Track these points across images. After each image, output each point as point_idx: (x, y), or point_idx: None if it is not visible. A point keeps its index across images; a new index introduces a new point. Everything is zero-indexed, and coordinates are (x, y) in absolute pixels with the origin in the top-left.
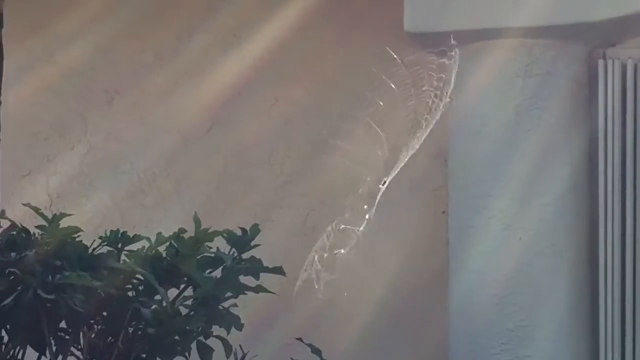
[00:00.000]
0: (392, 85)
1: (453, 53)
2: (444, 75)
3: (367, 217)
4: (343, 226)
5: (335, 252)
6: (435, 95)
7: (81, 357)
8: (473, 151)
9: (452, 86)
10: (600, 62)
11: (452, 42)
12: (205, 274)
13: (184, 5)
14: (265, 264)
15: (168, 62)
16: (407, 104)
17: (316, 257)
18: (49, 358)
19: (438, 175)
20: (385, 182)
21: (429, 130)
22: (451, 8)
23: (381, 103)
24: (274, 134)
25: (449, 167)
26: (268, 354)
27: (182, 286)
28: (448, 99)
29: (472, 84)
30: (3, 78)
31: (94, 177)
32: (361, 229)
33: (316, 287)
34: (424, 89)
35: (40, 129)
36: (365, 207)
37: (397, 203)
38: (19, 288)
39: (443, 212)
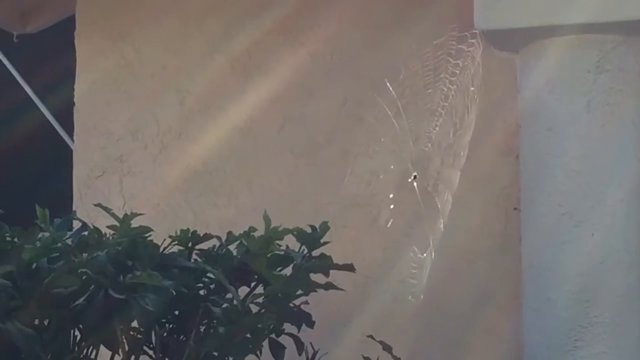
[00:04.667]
0: (464, 83)
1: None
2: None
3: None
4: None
5: (410, 250)
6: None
7: (153, 355)
8: (544, 148)
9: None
10: None
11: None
12: (275, 272)
13: (255, 7)
14: (336, 262)
15: (239, 63)
16: (478, 102)
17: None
18: (121, 357)
19: (509, 173)
20: (415, 176)
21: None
22: (522, 5)
23: (451, 100)
24: (345, 133)
25: (520, 163)
26: (339, 351)
27: (252, 284)
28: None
29: (542, 80)
30: (76, 80)
31: (167, 177)
32: (433, 227)
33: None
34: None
35: (114, 130)
36: (436, 205)
37: (468, 201)
38: (91, 288)
39: (515, 209)
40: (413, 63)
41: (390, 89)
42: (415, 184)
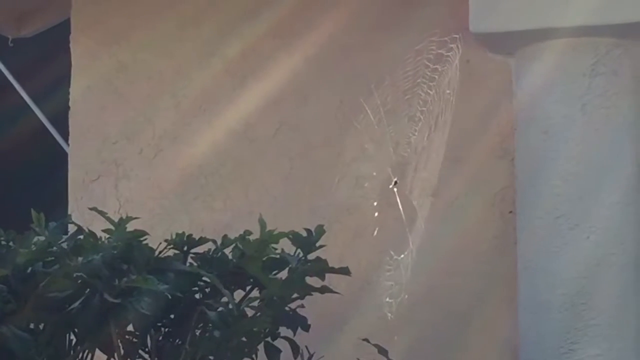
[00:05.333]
0: (456, 87)
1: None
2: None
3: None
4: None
5: (405, 254)
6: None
7: (149, 359)
8: (540, 151)
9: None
10: None
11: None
12: (271, 276)
13: (249, 8)
14: (331, 265)
15: (235, 66)
16: (472, 106)
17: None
18: None
19: (505, 176)
20: (396, 181)
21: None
22: (517, 8)
23: (446, 105)
24: (340, 136)
25: (516, 166)
26: (335, 354)
27: (248, 288)
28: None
29: (537, 83)
30: (71, 84)
31: (162, 181)
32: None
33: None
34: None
35: (109, 134)
36: (432, 208)
37: (464, 204)
38: (86, 292)
39: (510, 212)
40: (409, 66)
41: (386, 92)
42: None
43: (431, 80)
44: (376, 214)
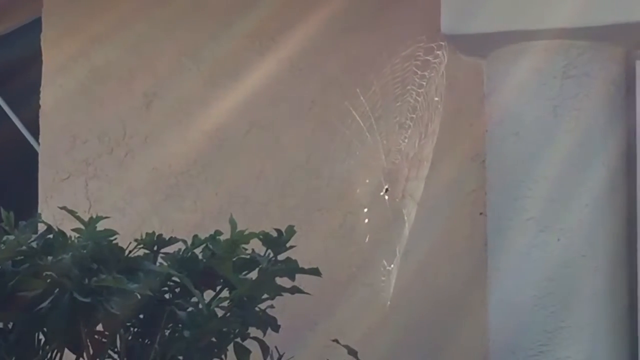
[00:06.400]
0: (430, 89)
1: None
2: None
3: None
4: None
5: (376, 255)
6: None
7: (118, 359)
8: (511, 152)
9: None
10: (638, 63)
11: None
12: (241, 276)
13: (221, 8)
14: (302, 266)
15: (207, 66)
16: (445, 107)
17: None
18: None
19: (475, 177)
20: (387, 189)
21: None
22: (489, 10)
23: (418, 107)
24: (312, 137)
25: (487, 168)
26: (305, 355)
27: (218, 288)
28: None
29: (509, 86)
30: (42, 83)
31: (133, 181)
32: (399, 232)
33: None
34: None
35: (79, 133)
36: (402, 210)
37: (434, 205)
38: (55, 291)
39: (481, 213)
40: (382, 67)
41: (359, 93)
42: (381, 188)
43: (404, 81)
44: (347, 215)
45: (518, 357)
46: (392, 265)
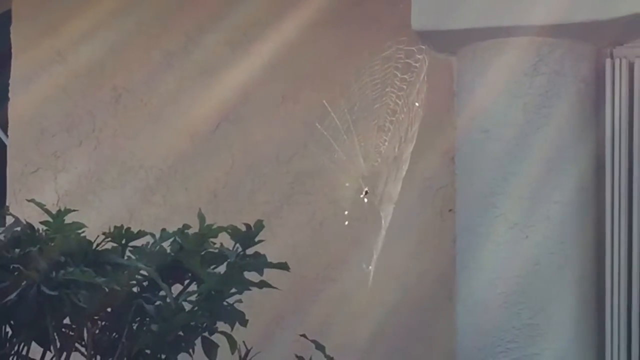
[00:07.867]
0: (402, 86)
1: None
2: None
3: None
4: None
5: (344, 250)
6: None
7: (85, 352)
8: (481, 149)
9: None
10: (608, 61)
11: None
12: (209, 270)
13: (193, 4)
14: (270, 260)
15: (177, 60)
16: (416, 105)
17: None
18: (53, 354)
19: (445, 174)
20: (366, 191)
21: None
22: (459, 6)
23: (390, 103)
24: (282, 133)
25: (456, 165)
26: (272, 350)
27: (186, 282)
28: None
29: (478, 82)
30: (11, 75)
31: (102, 175)
32: (368, 227)
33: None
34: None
35: (48, 126)
36: (371, 206)
37: (403, 202)
38: (22, 284)
39: (450, 210)
40: (352, 61)
41: (329, 88)
42: (351, 184)
43: (374, 76)
44: (316, 211)
45: (485, 354)
46: (362, 262)
